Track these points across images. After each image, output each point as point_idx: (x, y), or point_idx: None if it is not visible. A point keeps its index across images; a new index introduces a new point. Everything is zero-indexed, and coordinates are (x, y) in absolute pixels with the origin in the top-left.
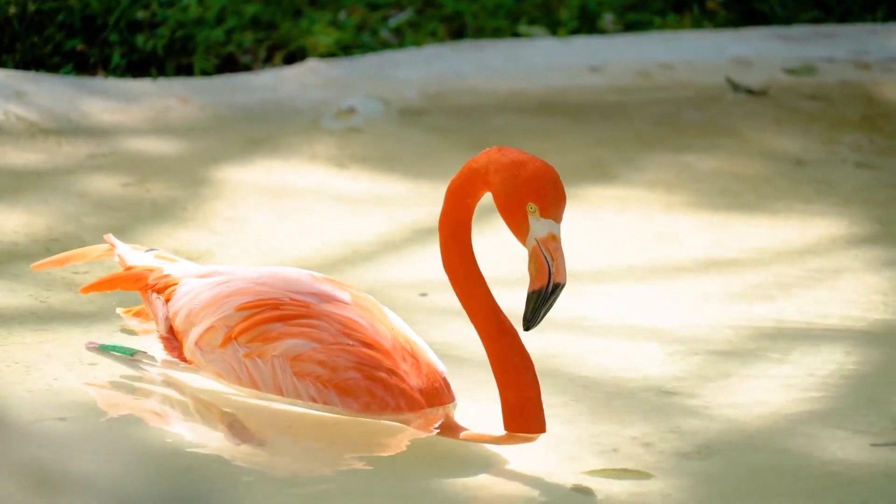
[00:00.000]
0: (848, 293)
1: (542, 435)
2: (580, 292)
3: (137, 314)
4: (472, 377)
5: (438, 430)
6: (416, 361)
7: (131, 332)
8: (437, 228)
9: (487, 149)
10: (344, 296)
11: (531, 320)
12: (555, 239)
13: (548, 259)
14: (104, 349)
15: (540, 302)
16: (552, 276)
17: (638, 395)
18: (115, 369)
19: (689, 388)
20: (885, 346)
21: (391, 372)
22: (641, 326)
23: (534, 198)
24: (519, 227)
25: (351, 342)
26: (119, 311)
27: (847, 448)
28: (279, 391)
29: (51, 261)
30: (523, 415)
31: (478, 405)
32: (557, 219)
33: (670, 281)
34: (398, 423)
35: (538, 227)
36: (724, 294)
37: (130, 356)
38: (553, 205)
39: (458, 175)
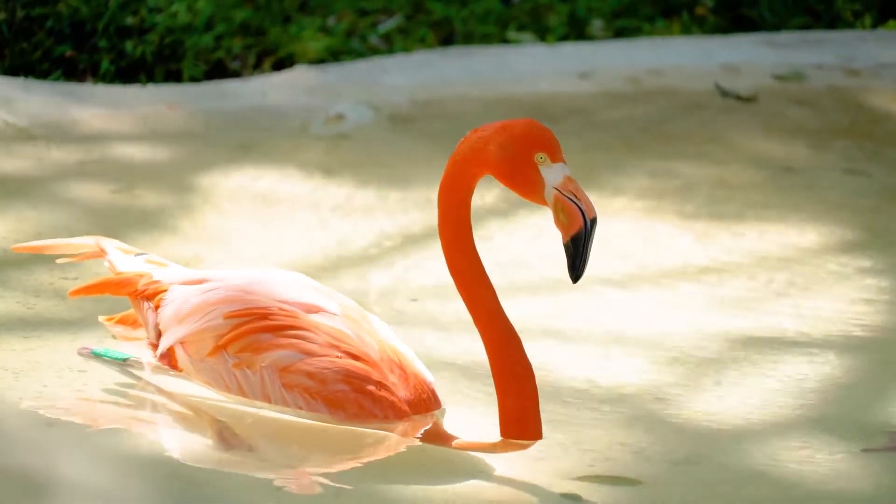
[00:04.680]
0: (837, 300)
1: (532, 442)
2: (568, 299)
3: (121, 321)
4: (462, 384)
5: (428, 439)
6: (403, 372)
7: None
8: (426, 235)
9: (461, 140)
10: (332, 305)
11: (578, 268)
12: (571, 180)
13: (574, 200)
14: (96, 355)
15: (583, 245)
16: (586, 214)
17: (628, 403)
18: (104, 376)
19: (679, 395)
20: (874, 353)
21: (380, 385)
22: (630, 334)
23: (540, 146)
24: (533, 185)
25: (339, 354)
26: (101, 319)
27: (837, 455)
28: (268, 401)
29: (34, 245)
30: (521, 423)
31: (468, 412)
32: (565, 161)
33: (659, 288)
34: (385, 431)
35: (552, 174)
36: (712, 301)
37: (122, 362)
38: (557, 148)
39: (445, 175)
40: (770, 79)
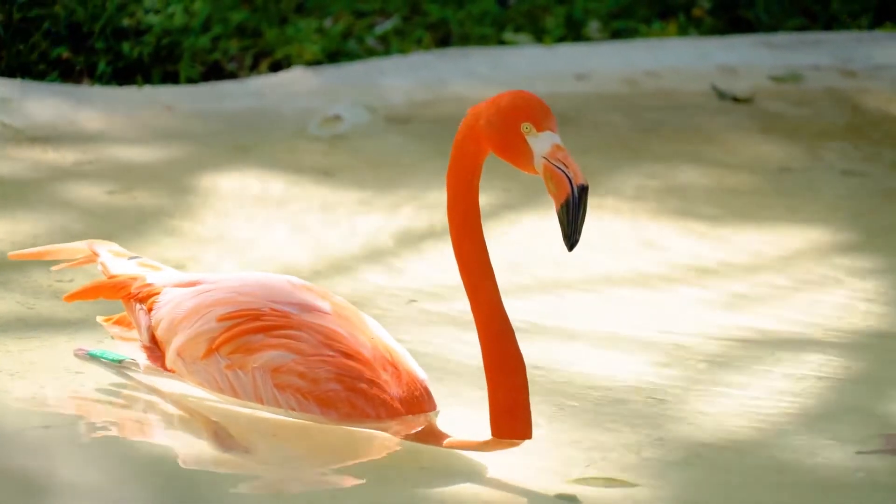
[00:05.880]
0: (833, 301)
1: (528, 442)
2: (566, 300)
3: (118, 322)
4: (458, 385)
5: (421, 438)
6: (396, 371)
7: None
8: (423, 235)
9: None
10: (324, 305)
11: (571, 235)
12: (560, 148)
13: (562, 168)
14: (92, 356)
15: (573, 213)
16: (573, 181)
17: (624, 403)
18: (101, 377)
19: (674, 396)
20: (870, 354)
21: (372, 383)
22: (627, 334)
23: (523, 117)
24: (522, 155)
25: (331, 353)
26: (99, 319)
27: (833, 456)
28: (260, 402)
29: (29, 252)
30: (511, 418)
31: (462, 412)
32: (554, 129)
33: (656, 289)
34: (379, 431)
35: (539, 143)
36: (709, 302)
37: (118, 363)
38: (543, 116)
39: (451, 160)
40: (767, 80)
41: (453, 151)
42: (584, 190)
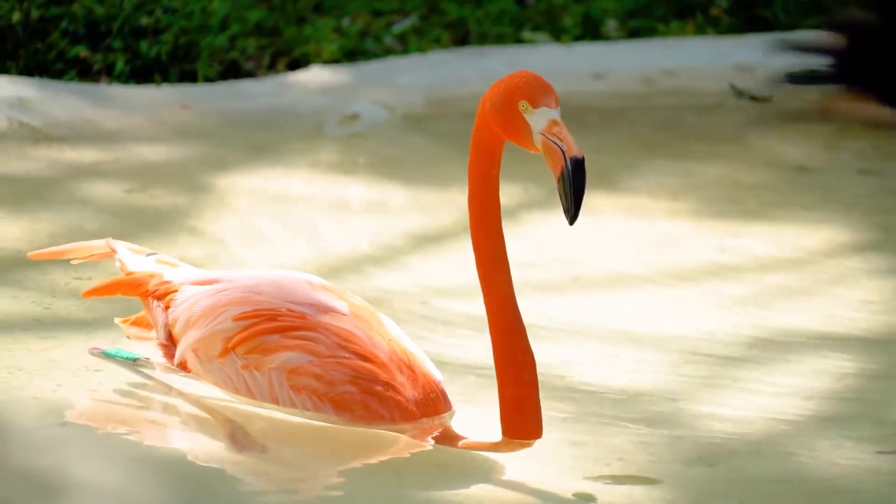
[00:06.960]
0: (852, 300)
1: (545, 441)
2: (582, 299)
3: (136, 322)
4: (472, 385)
5: (436, 440)
6: (412, 373)
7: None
8: (440, 234)
9: None
10: (341, 306)
11: (570, 208)
12: (556, 123)
13: (556, 142)
14: (107, 355)
15: (568, 185)
16: (566, 154)
17: (641, 402)
18: (118, 376)
19: (692, 395)
20: (889, 353)
21: (387, 385)
22: (644, 333)
23: (519, 95)
24: (522, 133)
25: (347, 355)
26: (117, 321)
27: (852, 455)
28: (276, 402)
29: (49, 252)
30: (520, 415)
31: (477, 413)
32: (551, 105)
33: (673, 288)
34: (395, 433)
35: (536, 120)
36: (727, 301)
37: (133, 362)
38: (539, 93)
39: (470, 151)
40: (784, 79)
41: (471, 141)
42: (578, 162)
